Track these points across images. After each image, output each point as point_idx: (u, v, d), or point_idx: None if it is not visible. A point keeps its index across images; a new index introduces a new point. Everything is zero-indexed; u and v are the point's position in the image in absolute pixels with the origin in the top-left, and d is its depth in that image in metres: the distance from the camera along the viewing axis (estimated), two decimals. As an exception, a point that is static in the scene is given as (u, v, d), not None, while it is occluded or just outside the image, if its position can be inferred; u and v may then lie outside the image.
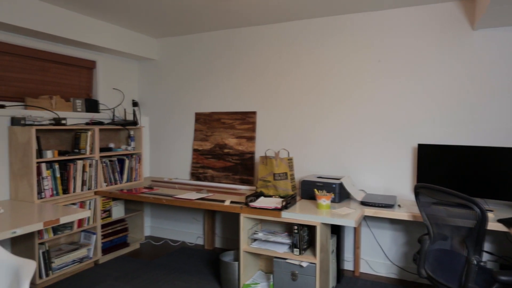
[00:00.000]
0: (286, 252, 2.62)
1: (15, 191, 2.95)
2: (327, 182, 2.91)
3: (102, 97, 3.85)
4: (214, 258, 3.56)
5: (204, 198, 3.00)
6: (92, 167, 3.33)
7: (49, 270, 2.93)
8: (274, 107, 3.58)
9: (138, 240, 3.86)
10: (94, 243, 3.32)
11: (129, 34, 3.82)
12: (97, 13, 3.27)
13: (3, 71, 3.01)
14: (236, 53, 3.75)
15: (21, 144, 2.90)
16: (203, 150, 3.88)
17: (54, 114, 3.27)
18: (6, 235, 2.07)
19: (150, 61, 4.25)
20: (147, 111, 4.28)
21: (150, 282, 2.99)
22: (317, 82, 3.39)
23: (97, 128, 3.37)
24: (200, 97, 3.96)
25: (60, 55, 3.45)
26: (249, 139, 3.66)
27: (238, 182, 3.65)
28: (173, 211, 4.16)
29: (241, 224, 2.72)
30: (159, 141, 4.22)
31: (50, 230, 2.98)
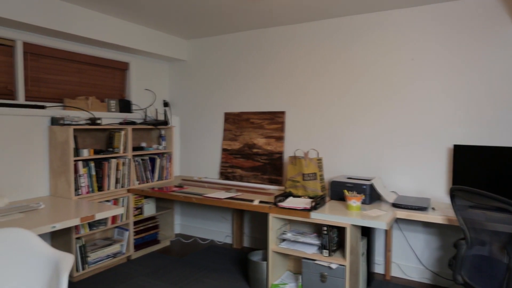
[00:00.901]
0: (315, 253, 2.60)
1: (55, 187, 3.10)
2: (357, 183, 2.85)
3: (134, 97, 3.97)
4: (242, 257, 3.58)
5: (233, 198, 3.02)
6: (125, 165, 3.43)
7: (85, 264, 3.04)
8: (303, 107, 3.56)
9: (168, 238, 3.94)
10: (127, 239, 3.42)
11: (161, 36, 3.91)
12: (131, 16, 3.37)
13: (44, 73, 3.16)
14: (265, 53, 3.75)
15: (60, 143, 3.03)
16: (232, 149, 3.91)
17: (90, 114, 3.40)
18: (46, 229, 2.18)
19: (181, 62, 4.33)
20: (177, 111, 4.37)
21: (180, 279, 3.04)
22: (348, 81, 3.33)
23: (130, 128, 3.47)
24: (230, 97, 3.99)
25: (96, 57, 3.58)
26: (278, 139, 3.65)
27: (267, 182, 3.66)
28: (202, 209, 4.23)
29: (270, 224, 2.72)
30: (189, 140, 4.29)
31: (86, 225, 3.10)
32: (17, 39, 2.93)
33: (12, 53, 2.94)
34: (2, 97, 2.89)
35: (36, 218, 2.34)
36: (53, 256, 1.81)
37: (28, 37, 3.00)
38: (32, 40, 3.03)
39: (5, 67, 2.90)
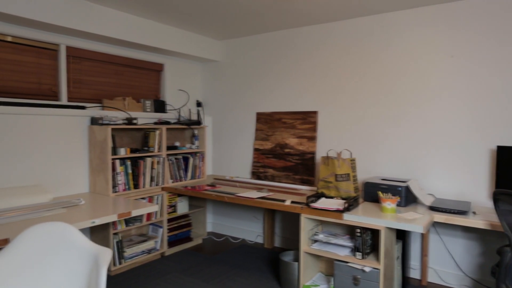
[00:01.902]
0: (347, 255, 2.55)
1: (94, 184, 3.23)
2: (392, 185, 2.77)
3: (169, 98, 4.07)
4: (273, 257, 3.58)
5: (264, 197, 3.03)
6: (160, 164, 3.52)
7: (122, 258, 3.16)
8: (336, 107, 3.50)
9: (200, 236, 4.01)
10: (161, 236, 3.52)
11: (194, 37, 3.98)
12: (166, 19, 3.45)
13: (85, 75, 3.31)
14: (298, 52, 3.73)
15: (98, 142, 3.16)
16: (264, 149, 3.92)
17: (126, 114, 3.52)
18: (86, 224, 2.28)
19: (214, 62, 4.39)
20: (210, 111, 4.43)
21: (212, 277, 3.09)
22: (384, 81, 3.25)
23: (164, 128, 3.56)
24: (262, 97, 4.00)
25: (133, 59, 3.70)
26: (310, 139, 3.62)
27: (299, 182, 3.63)
28: (234, 208, 4.26)
29: (302, 225, 2.70)
30: (221, 140, 4.34)
31: (122, 221, 3.21)
32: (61, 43, 3.09)
33: (56, 56, 3.10)
34: (47, 98, 3.05)
35: (77, 213, 2.46)
36: (93, 250, 1.89)
37: (70, 41, 3.14)
38: (74, 44, 3.18)
39: (50, 70, 3.06)
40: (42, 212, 2.44)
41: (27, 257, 1.85)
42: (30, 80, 2.94)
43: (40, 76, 3.00)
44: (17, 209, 2.48)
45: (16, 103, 2.80)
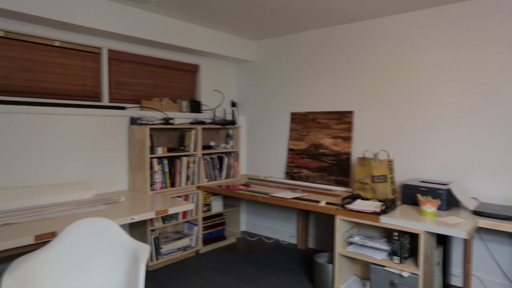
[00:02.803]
0: (384, 259, 2.48)
1: (133, 182, 3.35)
2: (432, 187, 2.67)
3: (204, 98, 4.14)
4: (307, 258, 3.55)
5: (299, 198, 3.01)
6: (195, 163, 3.59)
7: (159, 254, 3.25)
8: (372, 107, 3.42)
9: (234, 235, 4.05)
10: (196, 234, 3.58)
11: (229, 38, 4.02)
12: (201, 21, 3.51)
13: (125, 77, 3.44)
14: (334, 51, 3.67)
15: (137, 141, 3.27)
16: (298, 149, 3.90)
17: (164, 114, 3.62)
18: (126, 221, 2.37)
19: (248, 63, 4.41)
20: (244, 111, 4.46)
21: (246, 276, 3.10)
22: (422, 78, 3.13)
23: (200, 127, 3.62)
24: (296, 97, 3.98)
25: (169, 60, 3.80)
26: (345, 140, 3.56)
27: (333, 183, 3.58)
28: (268, 208, 4.27)
29: (337, 226, 2.66)
30: (255, 140, 4.36)
31: (159, 219, 3.30)
32: (103, 46, 3.22)
33: (98, 59, 3.24)
34: (90, 99, 3.20)
35: (117, 210, 2.55)
36: (133, 245, 1.95)
37: (112, 45, 3.28)
38: (115, 47, 3.31)
39: (93, 72, 3.21)
40: (85, 208, 2.56)
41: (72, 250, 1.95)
42: (75, 82, 3.09)
43: (84, 78, 3.15)
44: (63, 204, 2.62)
45: (62, 104, 2.95)
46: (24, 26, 2.75)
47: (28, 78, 2.82)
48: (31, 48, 2.83)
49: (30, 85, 2.84)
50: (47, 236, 2.01)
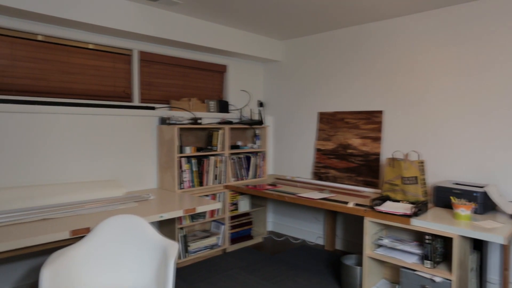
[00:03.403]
0: (415, 263, 2.41)
1: (162, 181, 3.42)
2: (467, 190, 2.56)
3: (231, 98, 4.17)
4: (334, 259, 3.50)
5: (326, 198, 2.97)
6: (223, 163, 3.62)
7: (186, 252, 3.30)
8: (403, 106, 3.33)
9: (261, 234, 4.05)
10: (223, 232, 3.61)
11: (256, 38, 4.03)
12: (229, 21, 3.54)
13: (154, 78, 3.51)
14: (363, 50, 3.61)
15: (166, 140, 3.34)
16: (325, 150, 3.85)
17: (192, 114, 3.67)
18: (155, 218, 2.42)
19: (275, 62, 4.41)
20: (271, 111, 4.46)
21: (272, 276, 3.10)
22: (456, 77, 3.01)
23: (227, 127, 3.65)
24: (324, 97, 3.93)
25: (198, 61, 3.86)
26: (374, 140, 3.48)
27: (362, 184, 3.51)
28: (294, 209, 4.25)
29: (365, 228, 2.61)
30: (282, 140, 4.35)
31: (188, 217, 3.35)
32: (134, 48, 3.31)
33: (129, 61, 3.33)
34: (122, 100, 3.29)
35: (147, 207, 2.62)
36: (162, 242, 2.00)
37: (142, 46, 3.36)
38: (146, 49, 3.39)
39: (124, 73, 3.30)
40: (116, 205, 2.63)
41: (105, 245, 2.01)
42: (107, 83, 3.19)
43: (115, 79, 3.24)
44: (95, 201, 2.71)
45: (95, 104, 3.06)
46: (61, 30, 2.86)
47: (64, 79, 2.94)
48: (67, 51, 2.95)
49: (65, 87, 2.96)
50: (82, 232, 2.08)
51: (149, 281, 1.98)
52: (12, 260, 2.68)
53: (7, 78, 2.67)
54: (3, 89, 2.65)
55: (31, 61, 2.77)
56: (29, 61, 2.76)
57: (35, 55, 2.79)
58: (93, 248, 1.98)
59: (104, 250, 2.00)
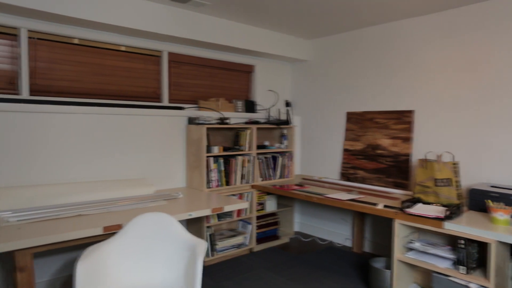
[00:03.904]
0: (449, 268, 2.33)
1: (190, 180, 3.48)
2: (505, 193, 2.45)
3: (259, 98, 4.18)
4: (363, 262, 3.44)
5: (355, 200, 2.92)
6: (250, 162, 3.64)
7: (214, 251, 3.34)
8: (435, 106, 3.22)
9: (287, 235, 4.04)
10: (250, 232, 3.63)
11: (284, 38, 4.02)
12: (256, 21, 3.55)
13: (183, 78, 3.58)
14: (393, 48, 3.52)
15: (194, 140, 3.39)
16: (354, 150, 3.79)
17: (219, 114, 3.71)
18: (184, 217, 2.46)
19: (303, 62, 4.38)
20: (299, 111, 4.43)
21: (299, 276, 3.08)
22: (492, 74, 2.88)
23: (254, 127, 3.66)
24: (352, 96, 3.87)
25: (225, 61, 3.89)
26: (405, 140, 3.39)
27: (391, 185, 3.43)
28: (321, 209, 4.20)
29: (395, 231, 2.54)
30: (309, 140, 4.31)
31: (215, 216, 3.39)
32: (164, 50, 3.38)
33: (159, 62, 3.40)
34: (152, 100, 3.37)
35: (176, 206, 2.67)
36: (190, 240, 2.03)
37: (171, 48, 3.43)
38: (175, 50, 3.45)
39: (154, 74, 3.38)
40: (147, 203, 2.70)
41: (136, 241, 2.07)
42: (138, 84, 3.28)
43: (146, 80, 3.32)
44: (127, 199, 2.79)
45: (127, 104, 3.15)
46: (95, 34, 2.97)
47: (97, 81, 3.05)
48: (100, 54, 3.05)
49: (99, 88, 3.06)
50: (114, 228, 2.15)
51: (178, 278, 2.02)
52: (49, 254, 2.80)
53: (46, 80, 2.79)
54: (43, 90, 2.78)
55: (67, 63, 2.89)
56: (66, 64, 2.88)
57: (71, 58, 2.91)
58: (124, 244, 2.04)
59: (134, 247, 2.06)
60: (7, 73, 2.64)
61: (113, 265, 1.98)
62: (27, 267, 1.94)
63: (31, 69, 2.72)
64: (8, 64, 2.64)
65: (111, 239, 2.02)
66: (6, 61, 2.63)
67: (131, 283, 2.00)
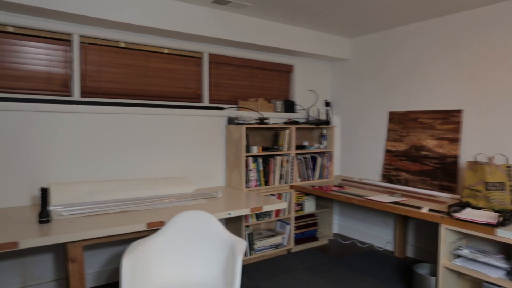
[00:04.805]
0: (502, 278, 2.19)
1: (229, 179, 3.52)
2: None
3: (298, 98, 4.15)
4: (405, 267, 3.31)
5: (397, 202, 2.83)
6: (289, 162, 3.62)
7: (252, 250, 3.36)
8: (486, 105, 3.03)
9: (326, 236, 3.98)
10: (288, 232, 3.61)
11: (324, 37, 3.96)
12: (295, 21, 3.52)
13: (223, 79, 3.63)
14: (438, 44, 3.36)
15: (234, 140, 3.43)
16: (396, 151, 3.66)
17: (259, 114, 3.72)
18: (223, 215, 2.50)
19: (343, 61, 4.29)
20: (339, 111, 4.35)
21: (338, 279, 3.03)
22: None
23: (293, 127, 3.64)
24: (395, 95, 3.74)
25: (265, 62, 3.90)
26: (452, 141, 3.23)
27: (437, 188, 3.28)
28: (361, 212, 4.10)
29: (442, 236, 2.43)
30: (350, 140, 4.22)
31: (254, 215, 3.41)
32: (204, 51, 3.45)
33: (200, 63, 3.48)
34: (193, 101, 3.45)
35: (215, 204, 2.71)
36: (230, 239, 2.06)
37: (212, 49, 3.49)
38: (215, 51, 3.51)
39: (195, 75, 3.46)
40: (187, 201, 2.77)
41: (177, 238, 2.13)
42: (179, 85, 3.37)
43: (187, 81, 3.41)
44: (168, 197, 2.88)
45: (169, 105, 3.25)
46: (140, 37, 3.09)
47: (141, 82, 3.17)
48: (144, 56, 3.17)
49: (143, 89, 3.18)
50: (157, 224, 2.22)
51: (217, 275, 2.05)
52: (97, 247, 2.95)
53: (95, 82, 2.94)
54: (92, 92, 2.93)
55: (114, 66, 3.03)
56: (113, 66, 3.02)
57: (118, 61, 3.04)
58: (166, 240, 2.10)
59: (176, 243, 2.12)
60: (61, 76, 2.81)
61: (156, 260, 2.05)
62: (77, 258, 2.06)
63: (82, 72, 2.88)
64: (62, 68, 2.81)
65: (154, 235, 2.09)
66: (61, 65, 2.80)
67: (172, 278, 2.06)
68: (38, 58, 2.72)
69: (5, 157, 2.57)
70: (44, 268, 2.74)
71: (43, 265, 2.73)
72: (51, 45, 2.76)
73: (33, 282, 2.70)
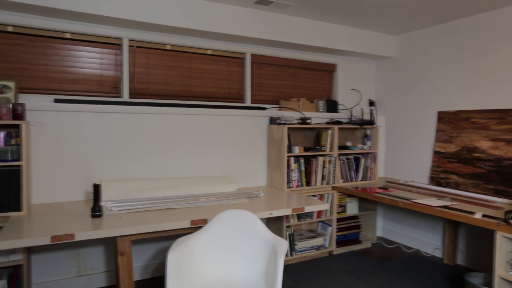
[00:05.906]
0: None
1: (271, 179, 3.53)
2: None
3: (341, 97, 4.07)
4: (455, 276, 3.14)
5: (447, 207, 2.69)
6: (331, 163, 3.57)
7: (293, 251, 3.34)
8: (550, 103, 2.80)
9: (369, 239, 3.87)
10: (330, 234, 3.56)
11: (367, 35, 3.85)
12: (338, 19, 3.46)
13: (265, 79, 3.64)
14: (492, 38, 3.15)
15: (276, 140, 3.43)
16: (446, 152, 3.48)
17: (301, 114, 3.70)
18: (265, 215, 2.50)
19: (388, 59, 4.15)
20: (383, 111, 4.22)
21: (382, 284, 2.93)
22: None
23: (336, 127, 3.58)
24: (444, 94, 3.56)
25: (307, 61, 3.86)
26: (509, 143, 3.01)
27: (492, 193, 3.07)
28: (407, 215, 3.94)
29: (497, 244, 2.27)
30: (395, 141, 4.07)
31: (295, 216, 3.39)
32: (247, 52, 3.48)
33: (242, 64, 3.52)
34: (235, 101, 3.50)
35: (257, 204, 2.73)
36: (272, 239, 2.06)
37: (254, 49, 3.51)
38: (257, 51, 3.53)
39: (238, 76, 3.50)
40: (229, 200, 2.81)
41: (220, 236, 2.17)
42: (222, 85, 3.43)
43: (229, 81, 3.46)
44: (211, 195, 2.94)
45: (212, 105, 3.31)
46: (185, 39, 3.18)
47: (186, 83, 3.26)
48: (189, 58, 3.26)
49: (187, 90, 3.27)
50: (200, 222, 2.28)
51: (259, 274, 2.06)
52: (143, 242, 3.08)
53: (143, 84, 3.07)
54: (140, 93, 3.06)
55: (160, 68, 3.14)
56: (159, 68, 3.14)
57: (164, 63, 3.15)
58: (210, 238, 2.15)
59: (219, 241, 2.16)
60: (112, 79, 2.96)
61: (199, 257, 2.10)
62: (126, 252, 2.15)
63: (131, 74, 3.02)
64: (113, 71, 2.96)
65: (197, 232, 2.14)
66: (111, 68, 2.95)
67: (215, 274, 2.10)
68: (92, 62, 2.88)
69: (62, 154, 2.75)
70: (95, 260, 2.90)
71: (95, 257, 2.90)
72: (103, 49, 2.92)
73: (87, 272, 2.87)
